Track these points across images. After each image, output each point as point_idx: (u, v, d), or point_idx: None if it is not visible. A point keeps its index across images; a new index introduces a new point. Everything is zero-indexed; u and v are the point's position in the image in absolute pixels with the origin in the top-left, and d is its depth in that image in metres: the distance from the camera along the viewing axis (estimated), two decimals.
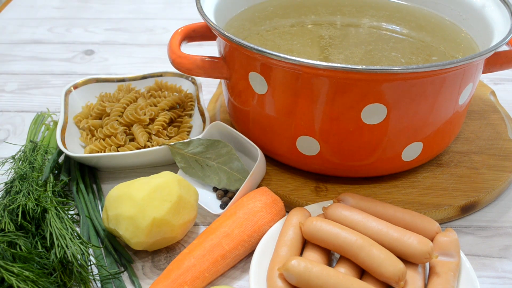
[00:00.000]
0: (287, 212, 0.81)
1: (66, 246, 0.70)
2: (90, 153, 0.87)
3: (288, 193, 0.82)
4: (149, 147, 0.87)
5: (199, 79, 0.99)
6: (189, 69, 0.82)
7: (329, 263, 0.71)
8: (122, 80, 1.02)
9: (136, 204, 0.71)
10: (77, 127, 0.94)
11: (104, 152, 0.87)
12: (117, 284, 0.72)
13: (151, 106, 0.93)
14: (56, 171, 0.87)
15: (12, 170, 0.85)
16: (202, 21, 0.82)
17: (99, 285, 0.72)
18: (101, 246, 0.77)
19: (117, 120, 0.90)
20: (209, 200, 0.83)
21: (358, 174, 0.83)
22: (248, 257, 0.75)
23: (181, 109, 0.96)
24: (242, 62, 0.78)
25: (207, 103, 1.04)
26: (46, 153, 0.88)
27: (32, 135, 0.95)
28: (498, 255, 0.77)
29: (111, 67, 1.21)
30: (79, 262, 0.70)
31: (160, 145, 0.85)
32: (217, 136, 0.86)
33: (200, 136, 0.85)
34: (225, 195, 0.83)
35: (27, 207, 0.74)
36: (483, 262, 0.76)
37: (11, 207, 0.74)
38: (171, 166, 0.88)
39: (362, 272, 0.69)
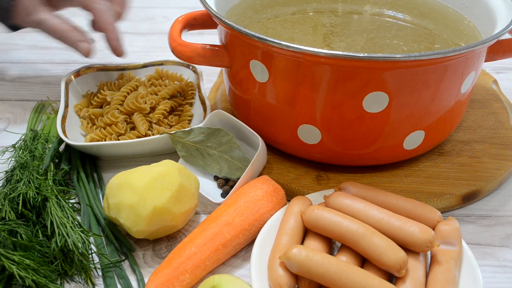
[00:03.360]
0: (288, 200, 0.80)
1: (67, 234, 0.70)
2: (90, 141, 0.86)
3: (289, 181, 0.82)
4: (149, 135, 0.87)
5: (200, 68, 0.99)
6: (190, 57, 0.81)
7: (330, 252, 0.71)
8: (123, 68, 1.01)
9: (137, 192, 0.70)
10: (78, 115, 0.93)
11: (105, 140, 0.87)
12: (118, 273, 0.72)
13: (151, 94, 0.93)
14: (57, 160, 0.87)
15: (13, 159, 0.85)
16: (203, 9, 0.81)
17: (100, 273, 0.72)
18: (102, 234, 0.77)
19: (118, 109, 0.90)
20: (210, 189, 0.83)
21: (360, 163, 0.83)
22: (249, 246, 0.75)
23: (181, 98, 0.95)
24: (243, 50, 0.78)
25: (208, 91, 1.04)
26: (46, 141, 0.88)
27: (32, 123, 0.95)
28: (500, 244, 0.76)
29: (111, 56, 1.20)
30: (80, 250, 0.70)
31: (160, 134, 0.85)
32: (218, 125, 0.85)
33: (201, 125, 0.84)
34: (226, 184, 0.83)
35: (28, 196, 0.74)
36: (484, 251, 0.76)
37: (11, 196, 0.74)
38: (172, 154, 0.88)
39: (364, 261, 0.69)
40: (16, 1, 0.90)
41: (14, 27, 0.96)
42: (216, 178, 0.84)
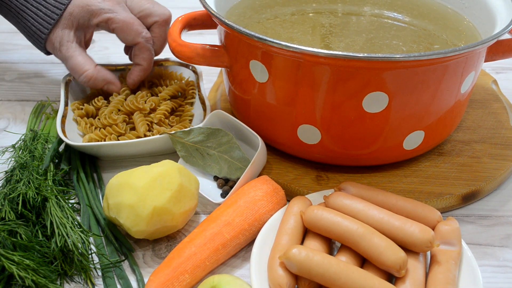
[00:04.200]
0: (288, 201, 0.80)
1: (67, 234, 0.70)
2: (89, 141, 0.86)
3: (289, 182, 0.82)
4: (149, 136, 0.87)
5: (199, 68, 0.99)
6: (190, 57, 0.81)
7: (330, 252, 0.71)
8: (123, 68, 1.01)
9: (137, 192, 0.70)
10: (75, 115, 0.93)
11: (105, 140, 0.87)
12: (117, 273, 0.72)
13: (152, 95, 0.93)
14: (57, 160, 0.87)
15: (12, 159, 0.85)
16: (203, 9, 0.81)
17: (99, 273, 0.72)
18: (101, 235, 0.77)
19: (119, 109, 0.90)
20: (210, 189, 0.83)
21: (359, 163, 0.83)
22: (249, 246, 0.75)
23: (181, 98, 0.95)
24: (243, 50, 0.78)
25: (207, 91, 1.04)
26: (46, 142, 0.88)
27: (32, 124, 0.95)
28: (500, 244, 0.76)
29: (111, 56, 1.20)
30: (79, 250, 0.70)
31: (160, 134, 0.85)
32: (218, 125, 0.85)
33: (200, 125, 0.84)
34: (226, 184, 0.83)
35: (28, 196, 0.74)
36: (484, 251, 0.76)
37: (11, 196, 0.74)
38: (171, 155, 0.88)
39: (363, 261, 0.69)
40: (52, 34, 0.90)
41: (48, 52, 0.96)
42: (216, 178, 0.84)
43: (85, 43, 0.95)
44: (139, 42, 0.91)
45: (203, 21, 0.87)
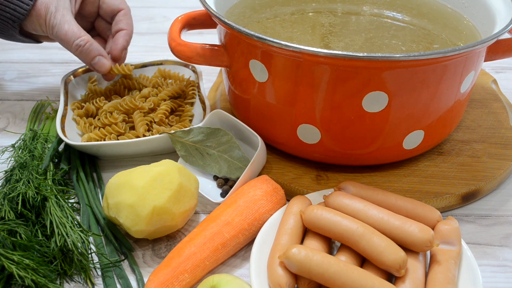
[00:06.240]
0: (288, 200, 0.80)
1: (67, 234, 0.70)
2: (88, 141, 0.86)
3: (288, 181, 0.82)
4: (148, 136, 0.87)
5: (199, 68, 0.99)
6: (189, 57, 0.81)
7: (330, 252, 0.71)
8: None
9: (137, 192, 0.70)
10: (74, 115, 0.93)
11: (104, 140, 0.87)
12: (117, 272, 0.72)
13: (153, 96, 0.93)
14: (56, 160, 0.87)
15: (12, 159, 0.85)
16: (203, 9, 0.81)
17: (99, 273, 0.72)
18: (101, 234, 0.77)
19: (119, 109, 0.90)
20: (210, 189, 0.83)
21: (359, 163, 0.83)
22: (248, 246, 0.75)
23: (182, 99, 0.95)
24: (243, 50, 0.78)
25: (207, 91, 1.04)
26: (46, 141, 0.88)
27: (32, 123, 0.95)
28: (499, 244, 0.76)
29: None
30: (79, 250, 0.70)
31: (160, 134, 0.85)
32: (218, 125, 0.85)
33: (200, 125, 0.84)
34: (226, 184, 0.83)
35: (27, 196, 0.74)
36: (484, 250, 0.76)
37: (11, 196, 0.74)
38: (171, 154, 0.88)
39: (363, 261, 0.69)
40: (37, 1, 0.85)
41: (25, 35, 0.92)
42: (215, 177, 0.84)
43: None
44: (125, 7, 0.93)
45: (203, 20, 0.87)
